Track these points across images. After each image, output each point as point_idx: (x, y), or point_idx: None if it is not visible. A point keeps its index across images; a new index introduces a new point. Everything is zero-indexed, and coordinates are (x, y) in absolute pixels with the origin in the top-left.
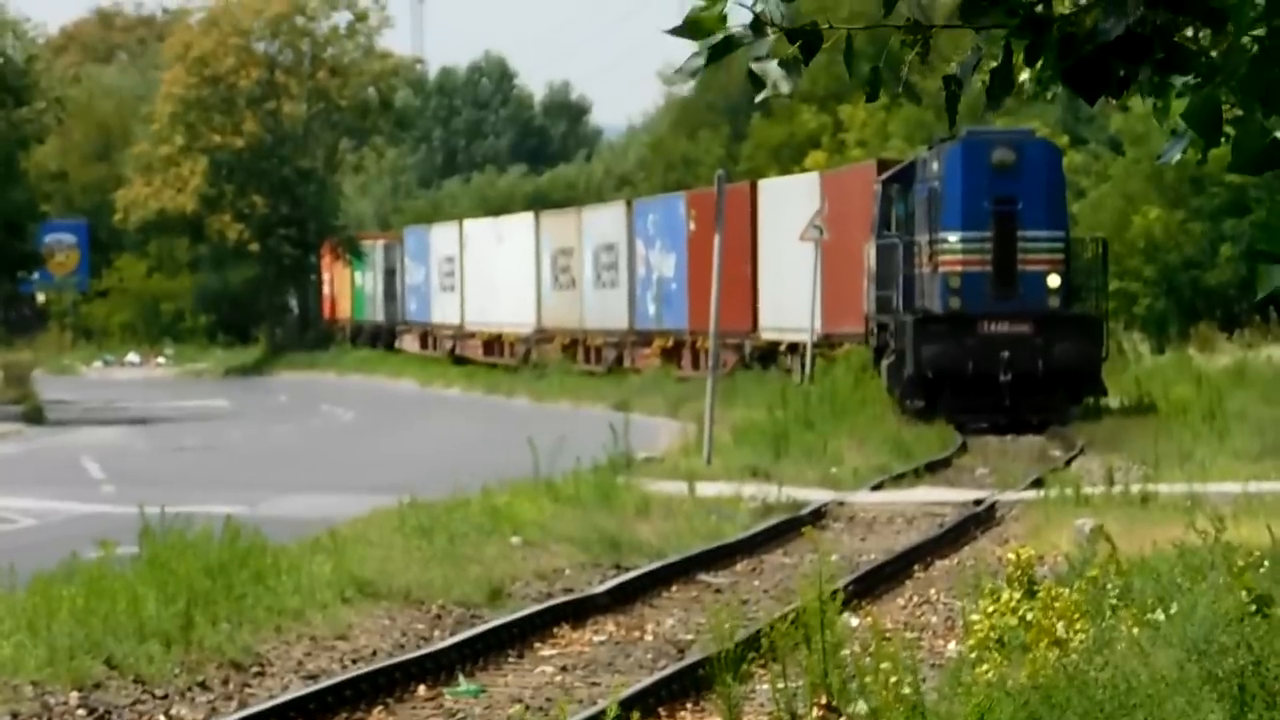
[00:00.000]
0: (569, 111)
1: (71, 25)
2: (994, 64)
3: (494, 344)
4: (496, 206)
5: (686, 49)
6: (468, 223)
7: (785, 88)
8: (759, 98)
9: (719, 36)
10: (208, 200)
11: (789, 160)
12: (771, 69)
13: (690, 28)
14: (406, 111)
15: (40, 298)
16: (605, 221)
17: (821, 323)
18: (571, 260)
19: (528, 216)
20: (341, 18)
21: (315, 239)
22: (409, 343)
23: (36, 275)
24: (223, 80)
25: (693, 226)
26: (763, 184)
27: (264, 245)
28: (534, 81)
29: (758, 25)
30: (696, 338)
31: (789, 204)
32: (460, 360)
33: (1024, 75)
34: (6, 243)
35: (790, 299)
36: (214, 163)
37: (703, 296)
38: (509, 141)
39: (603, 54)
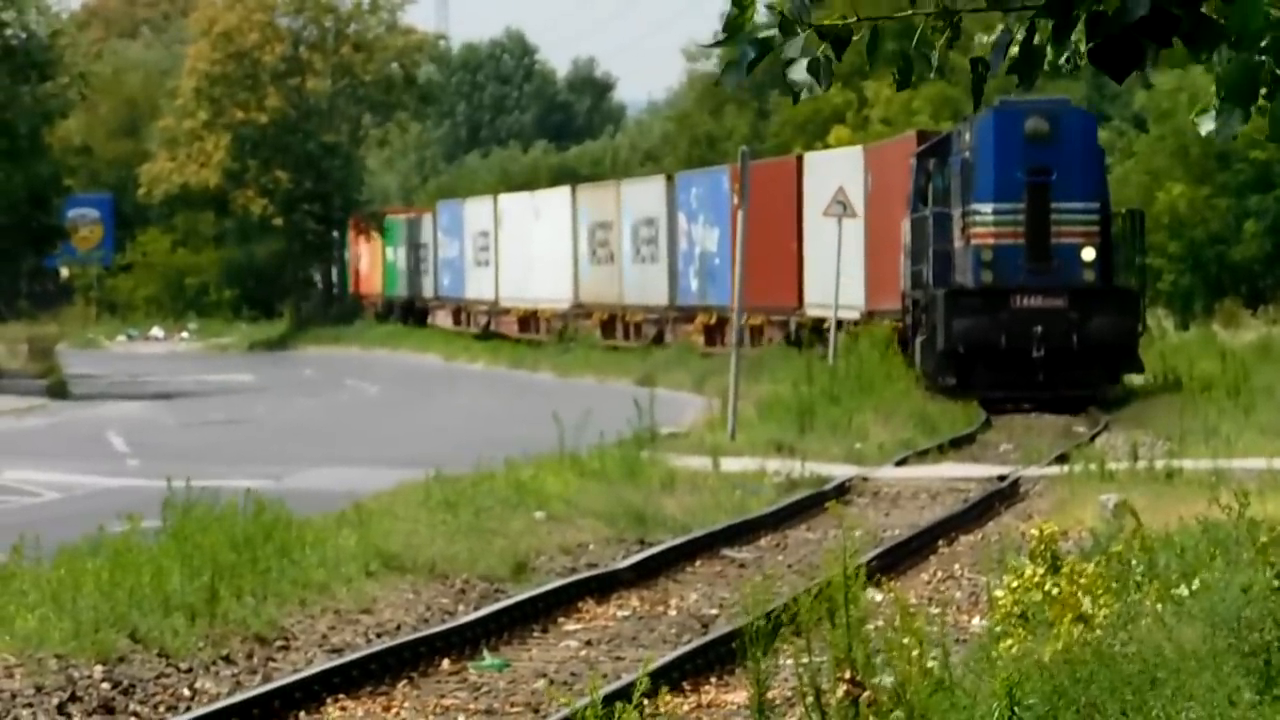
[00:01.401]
0: (593, 87)
1: (94, 1)
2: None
3: (530, 320)
4: (521, 182)
5: (711, 27)
6: (503, 197)
7: (819, 90)
8: (797, 101)
9: (750, 46)
10: (232, 175)
11: (814, 136)
12: (804, 76)
13: (727, 35)
14: (430, 87)
15: (64, 272)
16: (645, 195)
17: (865, 299)
18: (610, 234)
19: (564, 190)
20: None
21: (340, 214)
22: (442, 318)
23: (61, 250)
24: (247, 55)
25: (737, 200)
26: (808, 157)
27: (288, 220)
28: (558, 57)
29: (787, 25)
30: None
31: (833, 178)
32: (494, 336)
33: (1051, 55)
34: (31, 217)
35: (841, 274)
36: (238, 137)
37: (747, 271)
38: (533, 117)
39: (627, 30)
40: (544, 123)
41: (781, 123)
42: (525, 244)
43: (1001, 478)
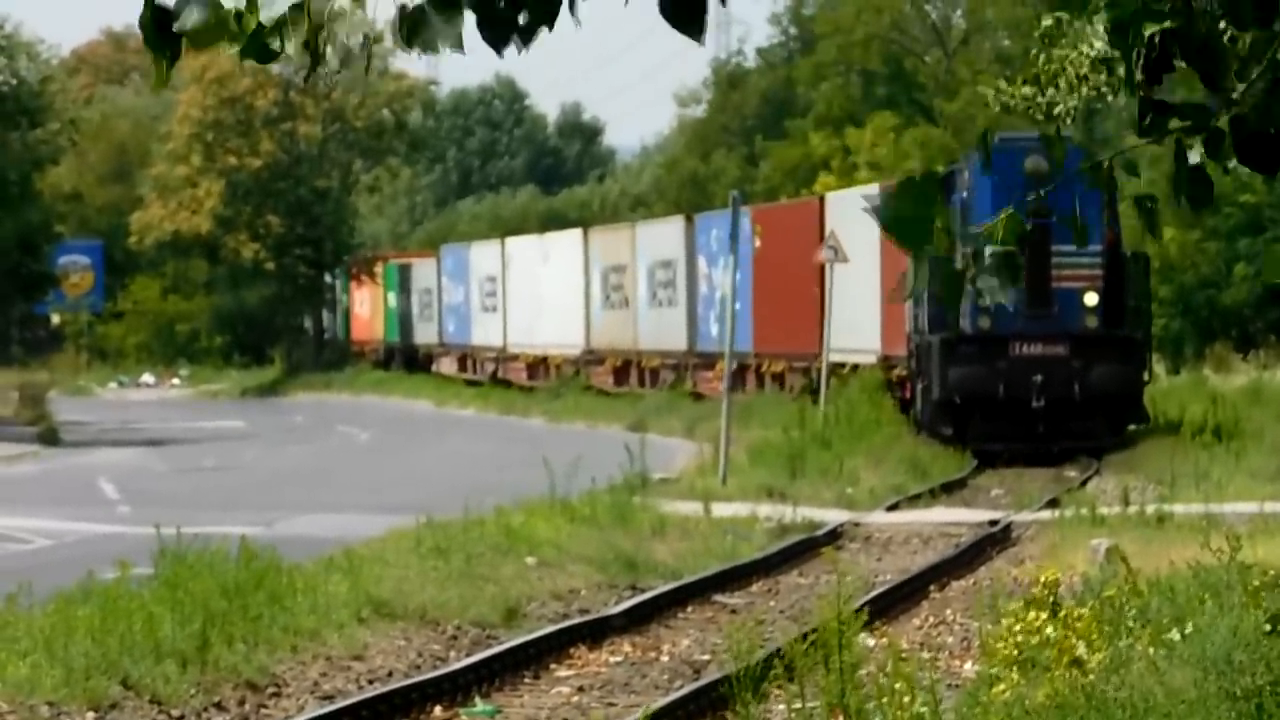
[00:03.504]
0: (582, 132)
1: (83, 47)
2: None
3: (539, 366)
4: (512, 227)
5: (699, 70)
6: (510, 240)
7: (1001, 298)
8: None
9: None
10: (223, 221)
11: (802, 183)
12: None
13: (899, 230)
14: (421, 132)
15: (55, 319)
16: (662, 237)
17: (881, 344)
18: (624, 278)
19: (575, 233)
20: (356, 40)
21: (331, 259)
22: (446, 366)
23: (51, 296)
24: (240, 101)
25: (758, 243)
26: (830, 198)
27: (280, 265)
28: (547, 102)
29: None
30: (762, 360)
31: (852, 219)
32: (503, 384)
33: (1211, 167)
34: (21, 264)
35: (857, 318)
36: (230, 183)
37: (768, 316)
38: (524, 162)
39: (617, 75)
40: (534, 168)
41: (771, 168)
42: (534, 288)
43: (993, 522)
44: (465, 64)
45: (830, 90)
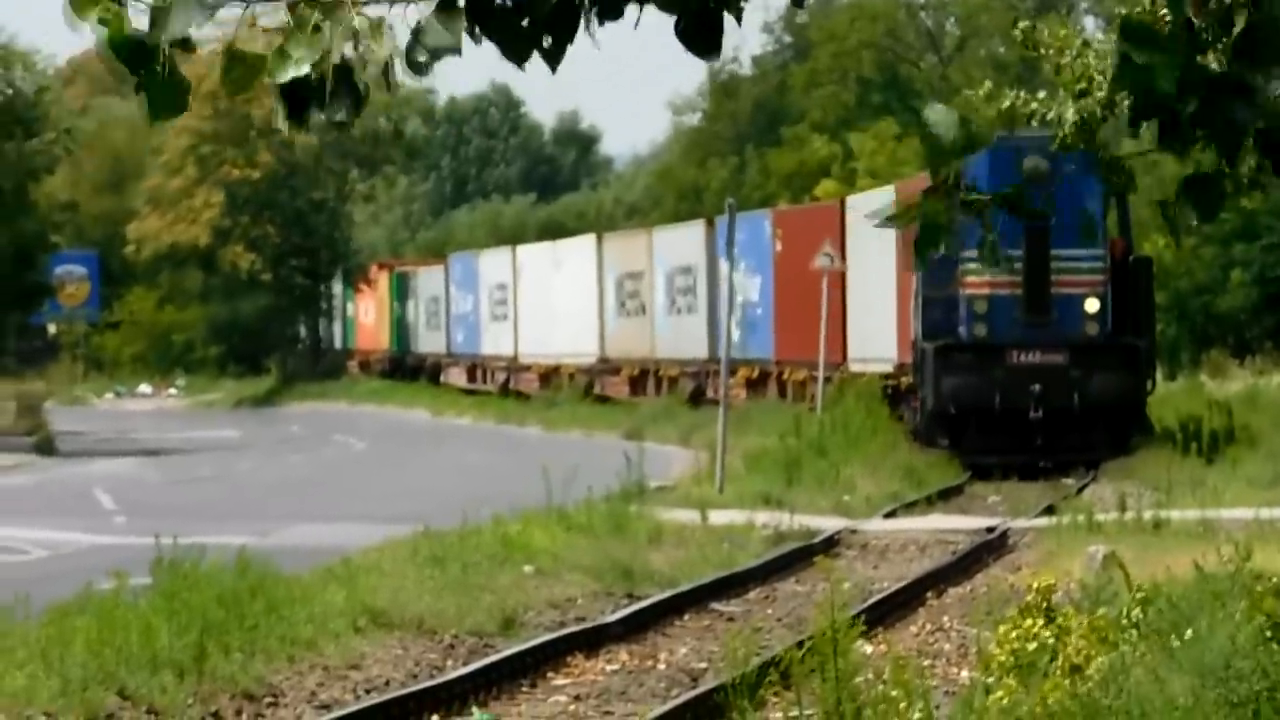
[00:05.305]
0: (578, 140)
1: (79, 57)
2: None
3: (552, 376)
4: (509, 235)
5: (694, 78)
6: (521, 248)
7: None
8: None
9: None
10: (220, 231)
11: (800, 189)
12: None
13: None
14: (416, 141)
15: (51, 329)
16: (681, 242)
17: (898, 351)
18: (640, 285)
19: (589, 239)
20: (351, 49)
21: (327, 269)
22: (455, 376)
23: (48, 306)
24: (236, 112)
25: (779, 247)
26: (850, 201)
27: (276, 275)
28: (543, 110)
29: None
30: (784, 368)
31: (871, 222)
32: (515, 394)
33: (1230, 179)
34: (17, 274)
35: (874, 326)
36: (229, 194)
37: (790, 323)
38: (519, 170)
39: (613, 83)
40: (530, 176)
41: (767, 174)
42: (546, 297)
43: (990, 530)
44: (460, 73)
45: (825, 97)
